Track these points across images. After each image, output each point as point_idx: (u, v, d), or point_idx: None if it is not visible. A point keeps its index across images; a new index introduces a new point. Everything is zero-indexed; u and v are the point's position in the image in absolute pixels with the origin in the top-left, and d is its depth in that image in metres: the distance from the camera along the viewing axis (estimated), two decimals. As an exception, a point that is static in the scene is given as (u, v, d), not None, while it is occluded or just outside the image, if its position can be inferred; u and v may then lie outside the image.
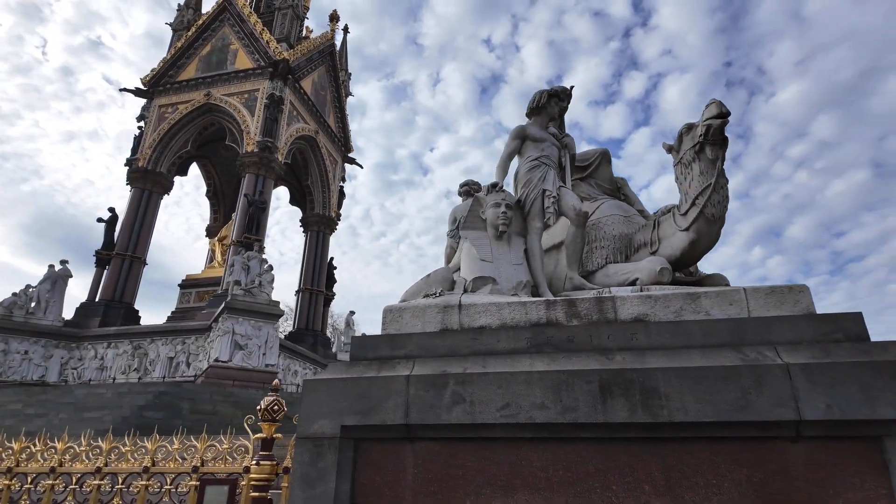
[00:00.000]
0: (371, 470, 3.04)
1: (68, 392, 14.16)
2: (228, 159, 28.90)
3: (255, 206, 21.81)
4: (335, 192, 29.25)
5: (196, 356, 19.06)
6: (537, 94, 4.58)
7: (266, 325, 17.70)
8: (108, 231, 23.24)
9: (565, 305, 3.37)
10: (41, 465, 3.55)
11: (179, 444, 3.36)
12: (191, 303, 23.74)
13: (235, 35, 25.95)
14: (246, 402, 13.44)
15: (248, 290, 17.91)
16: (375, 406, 3.06)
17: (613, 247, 4.09)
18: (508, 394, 2.91)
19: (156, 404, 11.94)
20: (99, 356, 20.12)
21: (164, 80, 25.82)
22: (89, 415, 11.45)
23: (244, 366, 16.74)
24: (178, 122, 24.74)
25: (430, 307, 3.59)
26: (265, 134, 23.03)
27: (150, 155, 24.26)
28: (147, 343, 19.91)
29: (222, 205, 29.70)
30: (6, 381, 18.93)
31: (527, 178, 4.21)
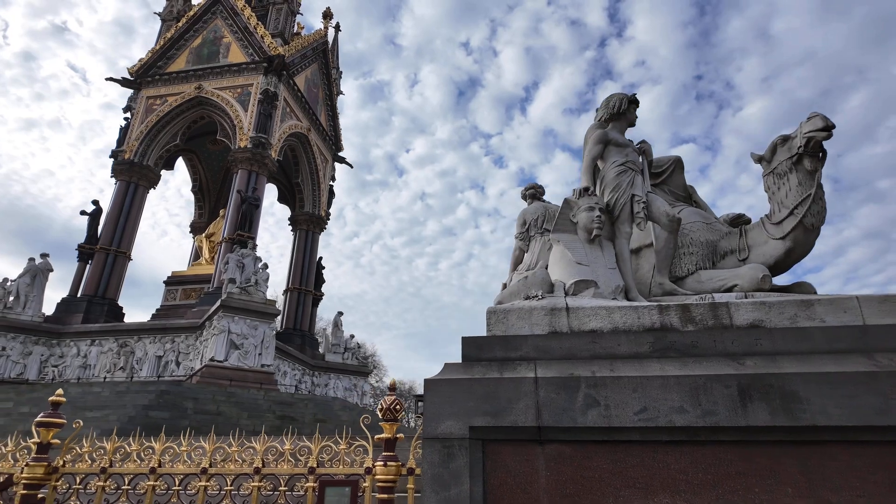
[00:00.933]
0: (502, 472, 3.03)
1: (52, 391, 13.58)
2: (215, 154, 28.40)
3: (248, 203, 21.43)
4: (325, 190, 28.97)
5: (186, 355, 18.58)
6: (617, 100, 4.64)
7: (262, 325, 17.38)
8: (92, 224, 22.52)
9: (679, 310, 3.42)
10: (138, 466, 3.43)
11: (291, 445, 3.28)
12: (177, 300, 23.14)
13: (228, 28, 25.47)
14: (248, 403, 13.17)
15: (243, 289, 17.56)
16: (505, 408, 3.06)
17: (702, 253, 4.18)
18: (645, 398, 2.94)
19: (159, 404, 11.58)
20: (82, 354, 19.43)
21: (152, 71, 25.18)
22: (91, 414, 11.00)
23: (240, 365, 16.39)
24: (167, 114, 24.15)
25: (535, 309, 3.60)
26: (259, 130, 22.65)
27: (137, 147, 23.61)
28: (133, 341, 19.32)
29: (208, 200, 29.07)
30: (-18, 378, 18.11)
31: (615, 182, 4.26)
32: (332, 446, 3.24)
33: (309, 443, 3.28)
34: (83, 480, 3.48)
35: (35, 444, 3.54)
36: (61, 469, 3.50)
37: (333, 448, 3.24)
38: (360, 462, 3.18)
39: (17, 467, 3.59)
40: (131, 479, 3.40)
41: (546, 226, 4.97)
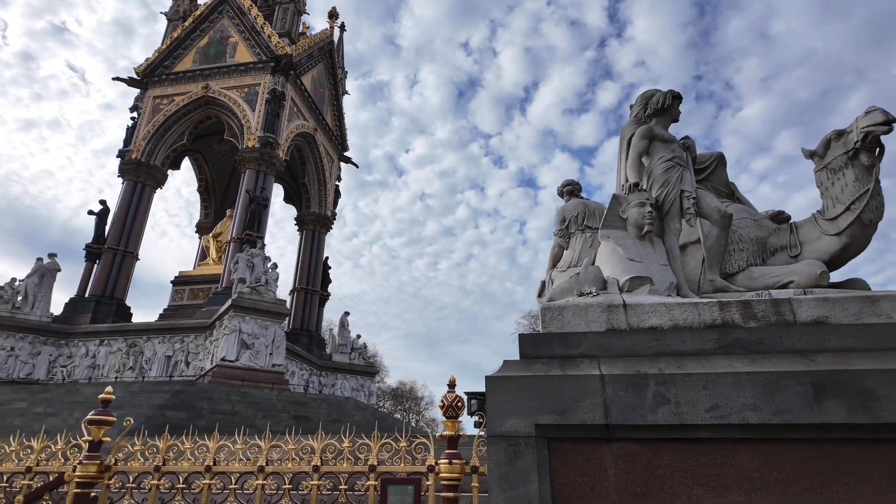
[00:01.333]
0: (569, 470, 2.99)
1: (73, 390, 13.55)
2: (221, 154, 28.35)
3: (256, 203, 21.38)
4: (331, 190, 28.93)
5: (196, 355, 18.52)
6: (661, 96, 4.60)
7: (273, 325, 17.33)
8: (99, 224, 22.46)
9: (740, 307, 3.38)
10: (193, 464, 3.38)
11: (349, 443, 3.24)
12: (184, 300, 23.08)
13: (235, 28, 25.42)
14: (263, 403, 13.12)
15: (254, 289, 17.51)
16: (571, 405, 3.02)
17: (752, 250, 4.14)
18: (716, 395, 2.90)
19: (174, 404, 11.53)
20: (90, 354, 19.37)
21: (158, 71, 25.11)
22: (105, 415, 10.96)
23: (251, 365, 16.33)
24: (174, 113, 24.09)
25: (591, 306, 3.56)
26: (266, 129, 22.60)
27: (144, 147, 23.55)
28: (143, 341, 19.26)
29: (213, 200, 29.01)
30: (-9, 378, 18.05)
31: (664, 178, 4.22)
32: (392, 444, 3.20)
33: (368, 440, 3.23)
34: (136, 479, 3.43)
35: (86, 441, 3.49)
36: (113, 467, 3.45)
37: (393, 446, 3.20)
38: (422, 460, 3.13)
39: (69, 466, 3.54)
40: (185, 477, 3.35)
41: (587, 222, 4.93)
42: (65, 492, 3.47)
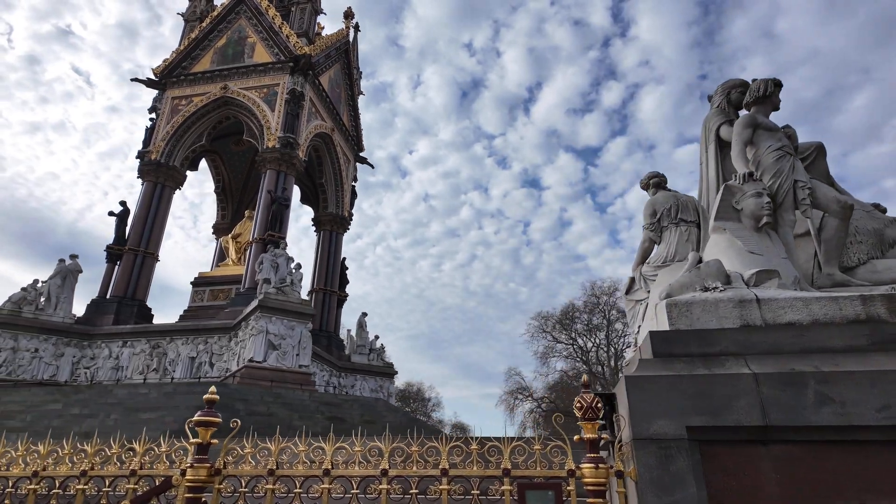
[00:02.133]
0: (722, 474, 2.82)
1: (105, 392, 13.44)
2: (238, 155, 28.30)
3: (278, 203, 21.28)
4: (348, 191, 28.81)
5: (220, 356, 18.41)
6: (761, 83, 4.43)
7: (299, 325, 17.19)
8: (120, 225, 22.39)
9: (885, 301, 3.20)
10: (309, 468, 3.23)
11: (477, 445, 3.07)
12: (204, 301, 22.99)
13: (253, 28, 25.35)
14: (296, 404, 12.98)
15: (279, 289, 17.38)
16: (724, 406, 2.85)
17: (871, 242, 3.96)
18: (886, 394, 2.72)
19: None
20: (114, 355, 19.29)
21: (177, 72, 25.05)
22: (145, 415, 10.84)
23: (279, 366, 16.19)
24: (192, 114, 24.02)
25: (721, 301, 3.39)
26: (287, 130, 22.51)
27: (164, 148, 23.48)
28: (166, 342, 19.17)
29: (231, 201, 28.96)
30: (16, 379, 18.02)
31: (776, 167, 4.04)
32: (525, 447, 3.03)
33: (498, 443, 3.07)
34: (249, 483, 3.27)
35: (195, 444, 3.33)
36: (223, 471, 3.30)
37: (527, 448, 3.03)
38: (560, 464, 2.97)
39: (176, 469, 3.38)
40: (302, 481, 3.19)
41: (681, 215, 4.75)
42: (173, 496, 3.32)
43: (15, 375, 18.15)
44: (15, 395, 13.82)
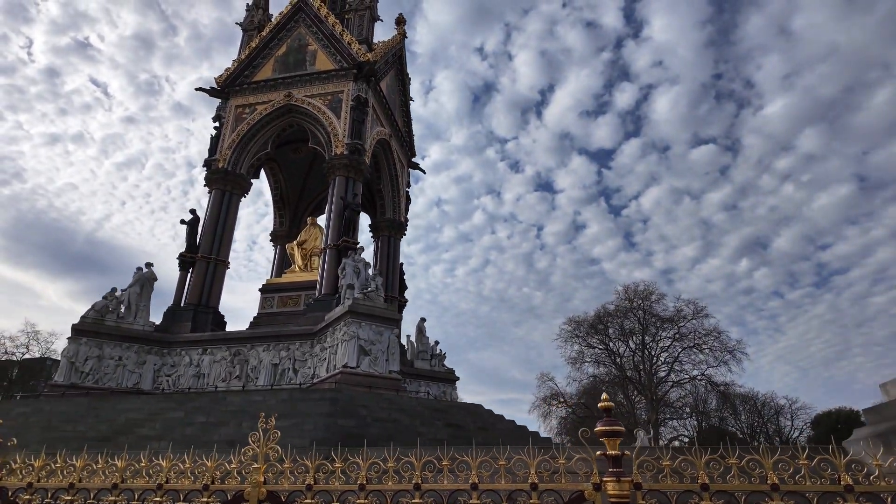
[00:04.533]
0: None
1: (220, 399, 13.42)
2: (295, 162, 28.50)
3: (350, 210, 21.31)
4: (403, 196, 28.84)
5: (303, 362, 18.41)
6: None
7: (386, 330, 17.12)
8: (190, 233, 22.56)
9: None
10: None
11: None
12: (274, 308, 23.05)
13: (313, 36, 25.55)
14: (410, 410, 12.91)
15: (365, 295, 17.35)
16: None
17: None
18: None
19: (337, 412, 11.31)
20: (194, 363, 19.38)
21: (239, 81, 25.31)
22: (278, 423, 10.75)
23: (371, 372, 16.13)
24: (257, 122, 24.23)
25: None
26: (353, 136, 22.59)
27: (230, 156, 23.70)
28: (246, 349, 19.22)
29: (288, 209, 29.14)
30: (103, 388, 18.18)
31: None
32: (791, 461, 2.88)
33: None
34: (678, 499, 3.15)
35: (610, 455, 3.17)
36: (645, 485, 3.15)
37: None
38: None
39: (586, 483, 3.24)
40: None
41: None
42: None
43: (101, 383, 18.31)
44: (126, 403, 13.90)
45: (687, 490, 2.97)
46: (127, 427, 11.69)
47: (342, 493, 3.45)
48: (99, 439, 10.32)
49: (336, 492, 3.46)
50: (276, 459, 3.72)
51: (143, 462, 3.90)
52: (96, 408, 13.65)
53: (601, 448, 3.17)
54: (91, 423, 12.30)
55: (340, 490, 3.45)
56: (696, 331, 50.83)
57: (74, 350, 18.22)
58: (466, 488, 3.30)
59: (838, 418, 61.73)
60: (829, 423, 59.61)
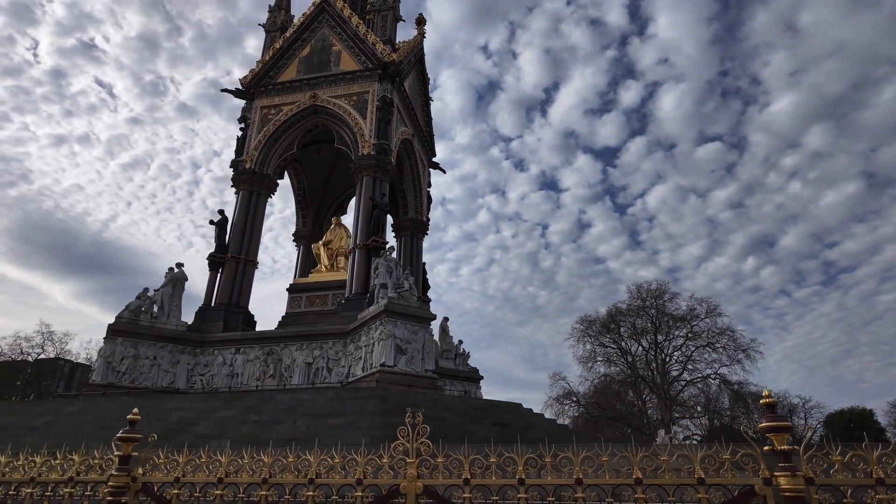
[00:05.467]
0: None
1: (267, 398, 13.55)
2: (317, 163, 28.65)
3: (379, 210, 21.43)
4: (425, 196, 28.96)
5: (337, 361, 18.55)
6: None
7: (421, 330, 17.23)
8: (220, 234, 22.74)
9: None
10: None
11: None
12: (301, 307, 23.22)
13: (336, 36, 25.66)
14: (456, 408, 13.03)
15: (399, 294, 17.48)
16: None
17: None
18: None
19: (389, 410, 11.42)
20: (227, 362, 19.55)
21: (264, 81, 25.45)
22: (332, 421, 10.90)
23: (408, 370, 16.24)
24: (283, 123, 24.38)
25: None
26: (380, 136, 22.71)
27: (257, 157, 23.84)
28: (279, 349, 19.37)
29: (310, 209, 29.28)
30: (139, 387, 18.37)
31: None
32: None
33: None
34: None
35: (781, 451, 3.24)
36: (818, 480, 3.22)
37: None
38: None
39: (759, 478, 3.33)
40: None
41: None
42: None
43: (138, 383, 18.52)
44: (172, 402, 14.06)
45: (861, 485, 3.06)
46: (181, 426, 11.83)
47: (500, 487, 3.55)
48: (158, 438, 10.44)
49: (494, 486, 3.56)
50: (427, 454, 3.82)
51: (291, 458, 4.01)
52: (144, 406, 13.70)
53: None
54: (144, 421, 12.41)
55: (499, 485, 3.56)
56: (710, 329, 50.74)
57: (111, 350, 18.41)
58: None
59: (851, 417, 61.59)
60: (843, 421, 59.50)
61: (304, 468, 3.96)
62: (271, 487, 3.94)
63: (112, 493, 4.10)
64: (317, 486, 3.84)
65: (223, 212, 23.20)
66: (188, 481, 4.14)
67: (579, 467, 3.50)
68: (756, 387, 53.98)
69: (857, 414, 62.27)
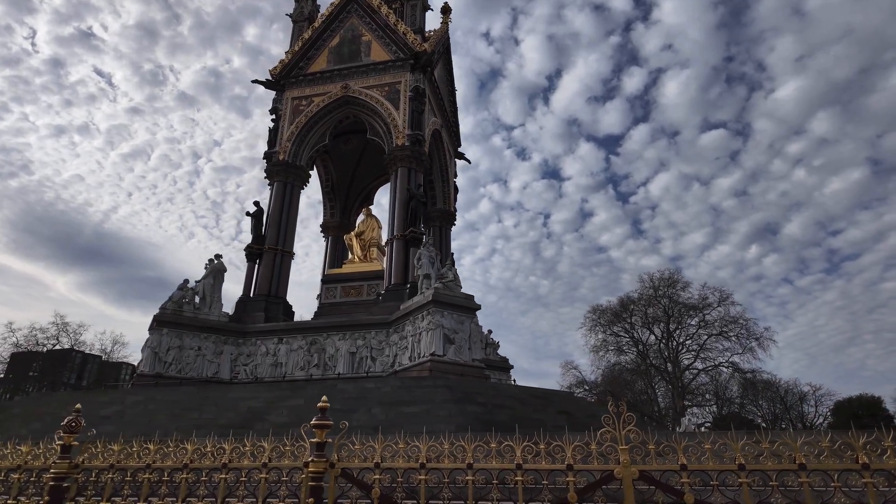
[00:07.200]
0: None
1: (330, 387, 13.62)
2: (345, 153, 28.67)
3: (416, 200, 21.52)
4: (452, 186, 29.01)
5: (381, 351, 18.75)
6: None
7: (466, 319, 17.40)
8: (256, 225, 22.86)
9: None
10: None
11: None
12: (337, 298, 23.38)
13: (366, 26, 25.57)
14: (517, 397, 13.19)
15: (444, 284, 17.62)
16: None
17: None
18: None
19: (460, 398, 11.61)
20: (271, 352, 19.74)
21: (294, 72, 25.40)
22: (406, 409, 11.10)
23: (456, 360, 16.43)
24: (315, 114, 24.38)
25: None
26: (413, 127, 22.74)
27: (290, 148, 23.87)
28: (322, 338, 19.56)
29: (338, 200, 29.34)
30: (185, 377, 18.56)
31: None
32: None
33: None
34: None
35: None
36: None
37: None
38: None
39: None
40: None
41: None
42: None
43: (184, 373, 18.71)
44: (234, 392, 14.24)
45: None
46: (255, 414, 12.03)
47: (719, 472, 3.71)
48: (237, 426, 10.65)
49: (713, 472, 3.72)
50: (637, 441, 3.97)
51: (492, 444, 4.16)
52: (207, 397, 14.00)
53: None
54: (215, 410, 12.64)
55: (718, 470, 3.72)
56: (722, 318, 50.95)
57: (157, 340, 18.59)
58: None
59: (859, 405, 62.19)
60: (850, 409, 60.04)
61: (508, 452, 4.09)
62: (476, 472, 4.09)
63: (313, 478, 4.25)
64: (525, 470, 4.00)
65: (259, 203, 23.30)
66: (388, 466, 4.28)
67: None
68: (768, 374, 54.32)
69: (865, 401, 62.82)
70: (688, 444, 3.85)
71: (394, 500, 4.16)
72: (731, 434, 3.82)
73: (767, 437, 3.87)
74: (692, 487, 3.68)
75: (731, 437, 3.79)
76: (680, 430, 28.76)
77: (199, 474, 4.67)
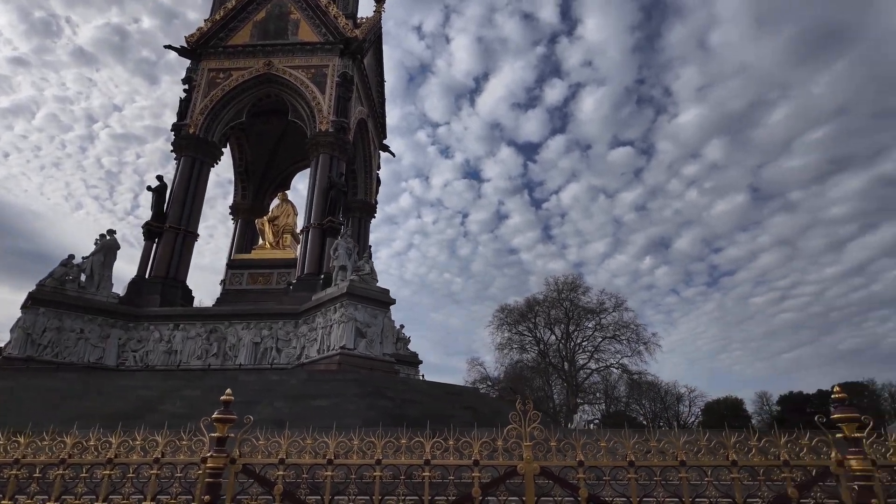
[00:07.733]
0: None
1: (230, 378, 12.92)
2: (263, 134, 27.46)
3: (336, 190, 21.03)
4: (374, 178, 28.68)
5: (287, 342, 18.13)
6: None
7: (380, 314, 17.27)
8: (158, 201, 21.22)
9: None
10: None
11: None
12: (243, 284, 22.28)
13: (296, 4, 24.60)
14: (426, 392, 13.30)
15: (361, 277, 17.39)
16: None
17: None
18: None
19: (368, 392, 11.45)
20: (165, 339, 18.43)
21: (213, 43, 23.86)
22: (315, 403, 10.73)
23: (367, 354, 16.26)
24: (233, 89, 23.08)
25: None
26: (339, 114, 22.21)
27: (202, 122, 22.39)
28: (224, 327, 18.56)
29: (252, 182, 27.95)
30: (61, 362, 16.90)
31: None
32: None
33: None
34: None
35: (851, 438, 3.91)
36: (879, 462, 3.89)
37: None
38: None
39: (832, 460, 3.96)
40: None
41: None
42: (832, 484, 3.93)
43: (61, 357, 16.97)
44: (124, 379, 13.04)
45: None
46: (148, 405, 11.09)
47: (612, 468, 3.98)
48: (127, 417, 9.75)
49: (606, 468, 3.99)
50: (541, 438, 4.15)
51: (403, 440, 4.16)
52: (90, 384, 12.73)
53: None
54: (101, 400, 11.49)
55: (611, 466, 3.99)
56: (616, 322, 54.59)
57: (32, 321, 16.69)
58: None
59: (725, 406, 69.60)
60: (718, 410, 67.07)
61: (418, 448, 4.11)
62: (385, 468, 4.08)
63: (211, 474, 4.03)
64: (433, 466, 4.05)
65: (162, 178, 21.66)
66: (293, 462, 4.15)
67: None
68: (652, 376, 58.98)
69: (730, 403, 70.42)
70: (585, 441, 4.10)
71: (297, 496, 4.04)
72: (623, 432, 4.11)
73: (655, 435, 4.20)
74: (587, 482, 3.92)
75: (625, 435, 4.08)
76: (572, 427, 30.50)
77: (80, 470, 4.27)
